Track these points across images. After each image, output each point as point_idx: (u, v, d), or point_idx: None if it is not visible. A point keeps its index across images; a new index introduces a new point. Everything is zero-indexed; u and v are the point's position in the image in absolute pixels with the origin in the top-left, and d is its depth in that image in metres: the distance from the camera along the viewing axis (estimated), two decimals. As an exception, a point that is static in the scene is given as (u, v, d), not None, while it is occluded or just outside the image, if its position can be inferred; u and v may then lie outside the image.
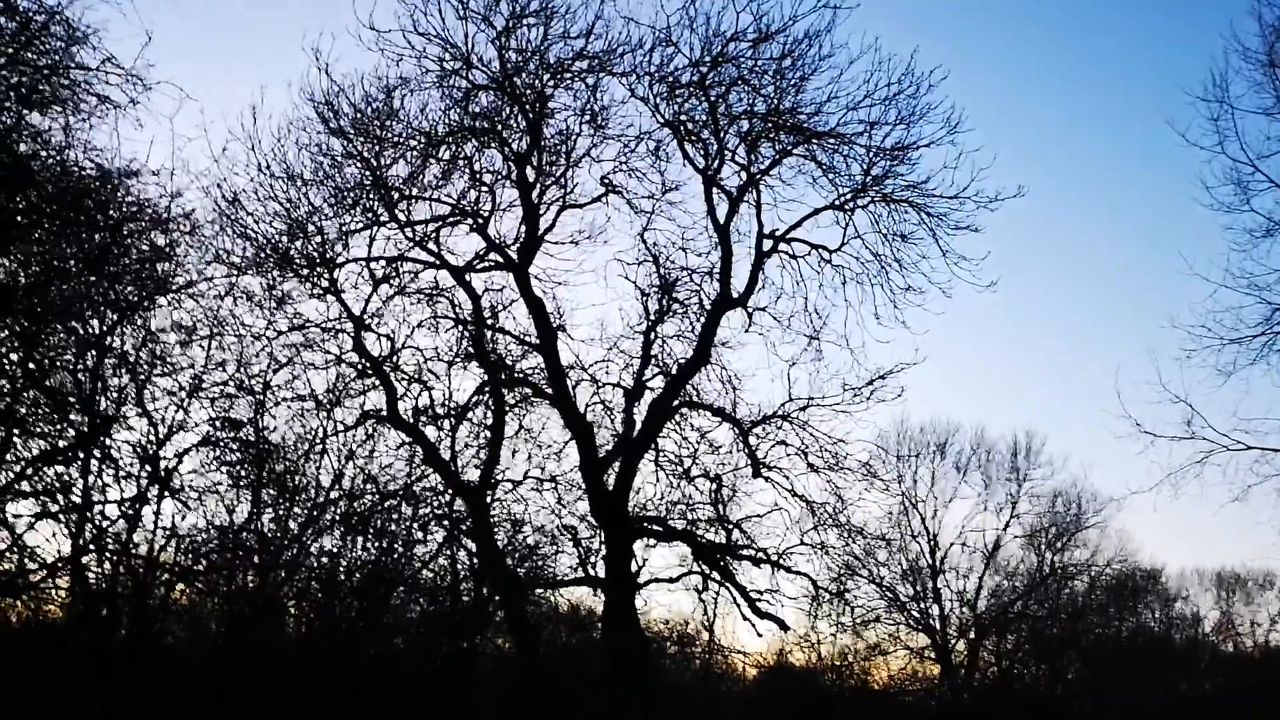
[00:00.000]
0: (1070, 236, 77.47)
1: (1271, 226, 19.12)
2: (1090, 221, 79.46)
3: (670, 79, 20.01)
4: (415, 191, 20.38)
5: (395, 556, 21.46)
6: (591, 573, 22.46)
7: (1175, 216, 76.94)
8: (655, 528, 21.97)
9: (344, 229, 20.07)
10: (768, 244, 21.07)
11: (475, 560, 22.87)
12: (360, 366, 20.50)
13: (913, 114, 19.93)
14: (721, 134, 20.58)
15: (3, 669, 16.94)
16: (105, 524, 16.57)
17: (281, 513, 19.55)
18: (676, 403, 21.30)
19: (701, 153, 20.76)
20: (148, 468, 16.89)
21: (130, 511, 16.74)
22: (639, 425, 20.94)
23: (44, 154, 13.54)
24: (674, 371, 21.14)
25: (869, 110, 19.94)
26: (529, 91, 20.10)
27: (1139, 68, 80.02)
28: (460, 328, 21.14)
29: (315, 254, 19.92)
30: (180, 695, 17.92)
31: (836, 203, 21.02)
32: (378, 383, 20.48)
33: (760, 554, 21.60)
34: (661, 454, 21.91)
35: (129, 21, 13.01)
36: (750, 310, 21.23)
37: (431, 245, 20.67)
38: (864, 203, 20.99)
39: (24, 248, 13.79)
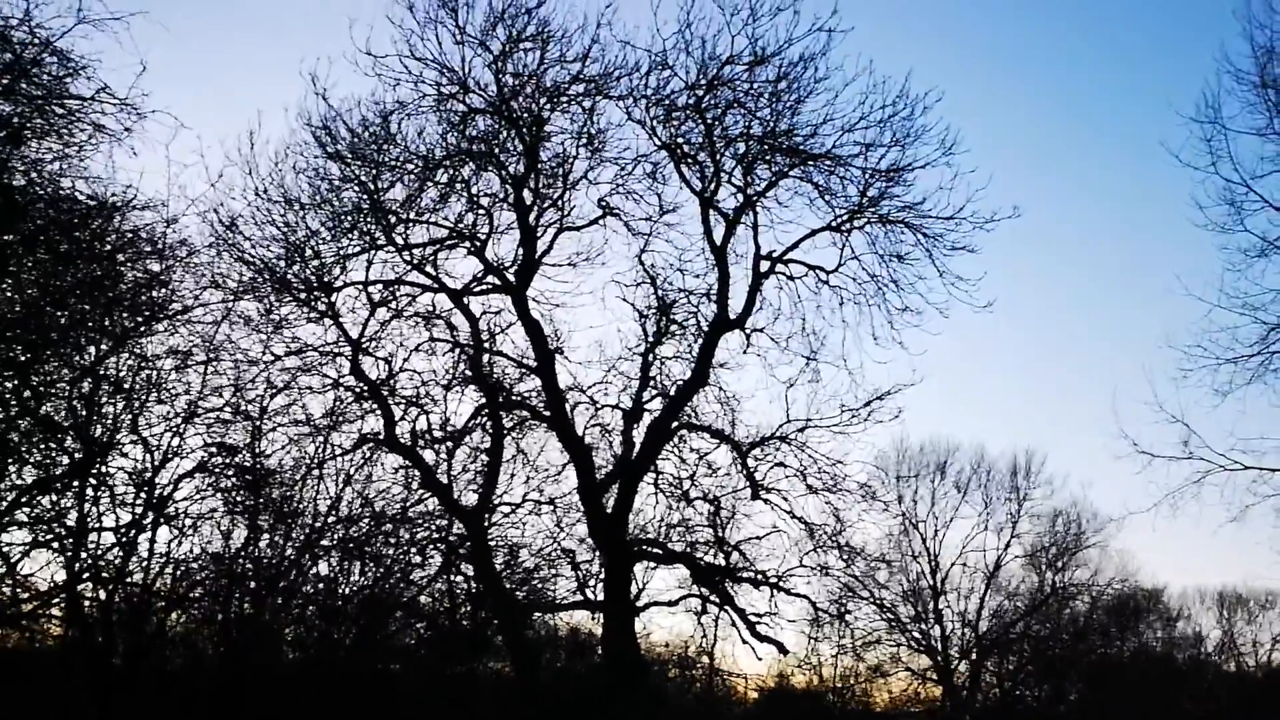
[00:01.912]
0: (1066, 257, 77.73)
1: (1266, 247, 19.14)
2: (1086, 242, 79.73)
3: (666, 102, 20.08)
4: (412, 215, 20.41)
5: (393, 581, 21.35)
6: (590, 596, 22.37)
7: (1170, 237, 77.23)
8: (654, 550, 21.89)
9: (341, 253, 20.07)
10: (765, 265, 21.09)
11: (474, 584, 22.76)
12: (358, 390, 20.44)
13: (908, 136, 20.01)
14: (718, 156, 20.63)
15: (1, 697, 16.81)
16: (100, 551, 16.47)
17: (278, 538, 19.44)
18: (675, 424, 21.25)
19: (698, 175, 20.81)
20: (143, 494, 16.80)
21: (125, 538, 16.63)
22: (637, 447, 20.88)
23: (38, 183, 13.55)
24: (672, 393, 21.10)
25: (864, 132, 20.03)
26: (526, 115, 20.14)
27: (1133, 89, 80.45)
28: (458, 351, 21.11)
29: (313, 278, 19.91)
30: (178, 723, 17.81)
31: (833, 224, 21.04)
32: (375, 406, 20.43)
33: (760, 576, 21.51)
34: (660, 476, 21.86)
35: (124, 50, 13.04)
36: (748, 331, 21.22)
37: (429, 268, 20.66)
38: (860, 224, 21.03)
39: (18, 277, 13.78)
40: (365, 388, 20.35)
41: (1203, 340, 19.64)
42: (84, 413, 15.92)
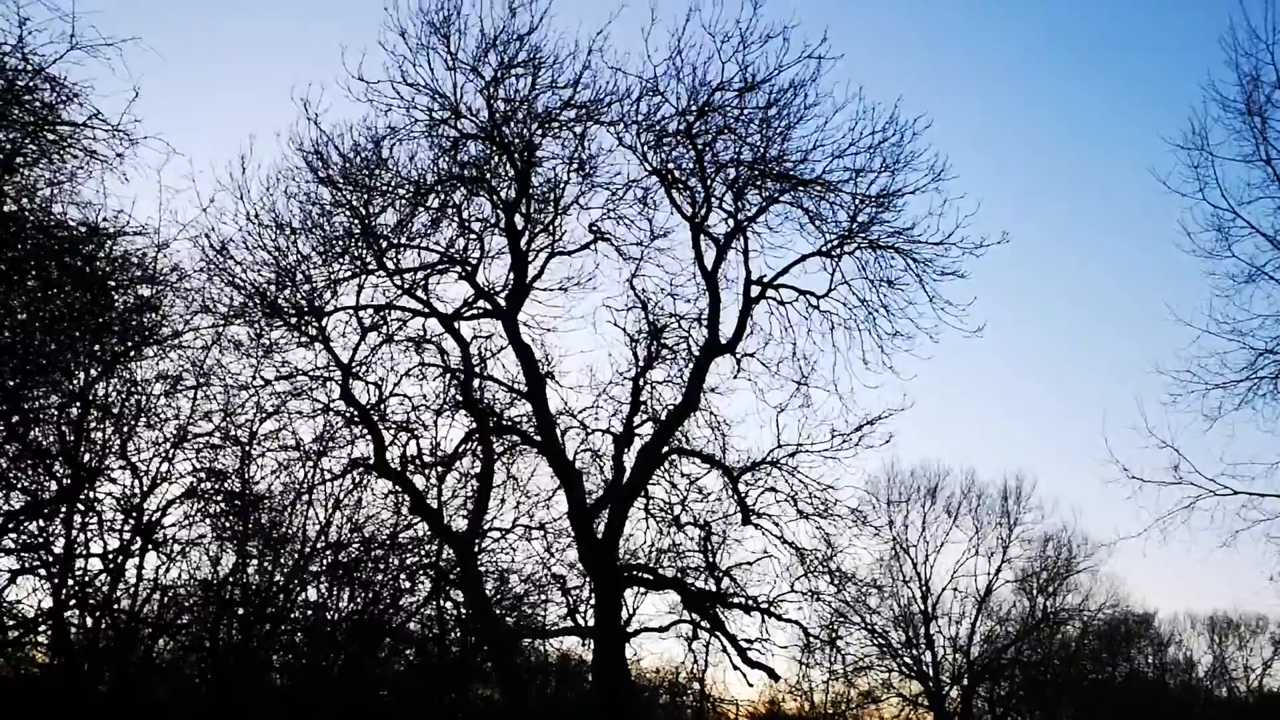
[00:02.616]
0: (1056, 281, 78.19)
1: (1253, 272, 19.18)
2: (1076, 267, 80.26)
3: (657, 128, 20.18)
4: (404, 240, 20.42)
5: (382, 607, 21.24)
6: (581, 622, 22.28)
7: (1160, 262, 77.83)
8: (645, 576, 21.81)
9: (332, 277, 20.04)
10: (755, 290, 21.13)
11: (463, 610, 22.65)
12: (348, 415, 20.37)
13: (897, 161, 20.13)
14: (708, 181, 20.72)
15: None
16: (87, 578, 16.34)
17: (267, 564, 19.32)
18: (666, 449, 21.22)
19: (689, 200, 20.89)
20: (131, 520, 16.70)
21: (113, 565, 16.51)
22: (628, 472, 20.84)
23: (29, 209, 13.55)
24: (663, 418, 21.09)
25: (854, 158, 20.14)
26: (517, 140, 20.22)
27: (1121, 116, 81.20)
28: (448, 375, 21.07)
29: (303, 302, 19.87)
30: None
31: (823, 249, 21.12)
32: (365, 431, 20.36)
33: (750, 602, 21.45)
34: (651, 501, 21.82)
35: (117, 76, 13.08)
36: (739, 356, 21.25)
37: (420, 293, 20.66)
38: (851, 249, 21.11)
39: (7, 302, 13.74)
40: (355, 412, 20.29)
41: (1192, 365, 19.65)
42: (72, 438, 15.85)
